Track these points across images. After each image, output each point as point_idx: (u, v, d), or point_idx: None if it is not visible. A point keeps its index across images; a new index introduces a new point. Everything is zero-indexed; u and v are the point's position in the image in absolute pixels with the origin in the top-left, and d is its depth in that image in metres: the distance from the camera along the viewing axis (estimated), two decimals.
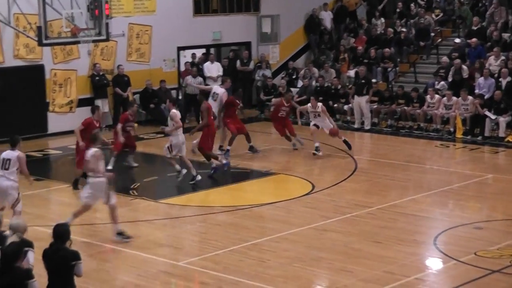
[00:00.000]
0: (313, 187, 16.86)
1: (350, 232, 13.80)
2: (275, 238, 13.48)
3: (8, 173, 13.22)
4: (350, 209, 15.17)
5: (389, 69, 25.82)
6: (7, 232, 9.15)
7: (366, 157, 20.53)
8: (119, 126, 18.48)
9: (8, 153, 13.44)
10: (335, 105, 24.51)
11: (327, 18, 29.20)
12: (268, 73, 26.95)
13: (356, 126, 23.63)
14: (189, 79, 24.93)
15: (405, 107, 23.25)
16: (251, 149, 20.24)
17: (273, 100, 24.58)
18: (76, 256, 8.72)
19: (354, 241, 13.26)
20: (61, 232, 8.77)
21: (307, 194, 16.42)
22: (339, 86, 25.08)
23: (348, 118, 24.20)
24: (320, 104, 20.42)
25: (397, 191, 16.83)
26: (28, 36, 20.43)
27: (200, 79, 25.04)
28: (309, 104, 20.54)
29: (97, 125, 17.17)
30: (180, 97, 25.15)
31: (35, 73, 22.44)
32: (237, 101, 20.14)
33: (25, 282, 8.23)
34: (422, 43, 26.65)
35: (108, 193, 13.26)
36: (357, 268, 11.78)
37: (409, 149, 21.15)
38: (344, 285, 11.31)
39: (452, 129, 22.14)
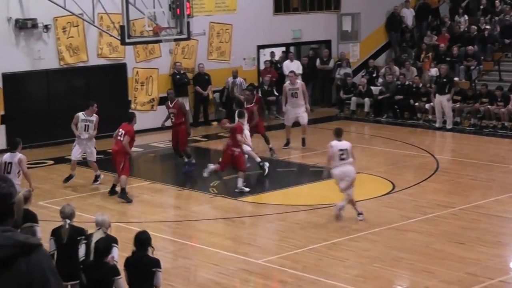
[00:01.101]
0: (394, 186, 16.67)
1: (431, 232, 13.59)
2: (355, 237, 13.37)
3: (11, 177, 13.33)
4: (432, 209, 14.93)
5: (472, 67, 25.32)
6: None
7: (448, 156, 20.20)
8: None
9: (8, 156, 13.43)
10: (416, 103, 24.16)
11: (408, 15, 28.84)
12: (348, 71, 26.75)
13: (437, 125, 23.23)
14: (230, 80, 24.47)
15: (489, 106, 22.77)
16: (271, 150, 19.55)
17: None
18: (157, 264, 8.80)
19: (435, 242, 13.05)
20: (142, 240, 8.86)
21: (387, 193, 16.24)
22: (421, 85, 24.71)
23: (430, 117, 23.81)
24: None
25: (480, 191, 16.49)
26: (111, 35, 20.78)
27: (239, 80, 24.51)
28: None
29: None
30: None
31: (117, 71, 22.83)
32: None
33: (112, 278, 8.39)
34: (507, 41, 26.04)
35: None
36: (439, 269, 11.59)
37: (493, 148, 20.71)
38: (425, 286, 11.14)
39: None
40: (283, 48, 27.31)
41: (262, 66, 26.05)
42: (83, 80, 22.18)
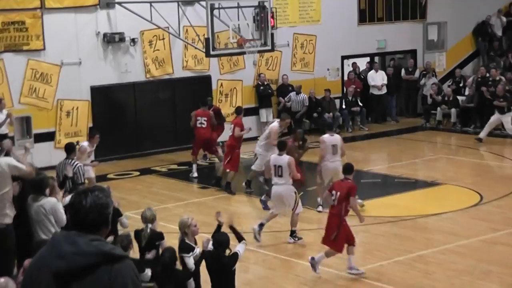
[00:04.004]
0: (482, 198, 16.29)
1: None
2: (441, 250, 13.11)
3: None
4: None
5: None
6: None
7: None
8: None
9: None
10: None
11: (497, 24, 28.24)
12: (434, 81, 26.32)
13: None
14: (292, 96, 24.02)
15: None
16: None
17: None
18: (234, 262, 9.23)
19: None
20: (221, 241, 9.16)
21: (475, 205, 15.88)
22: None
23: None
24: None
25: None
26: (196, 48, 21.01)
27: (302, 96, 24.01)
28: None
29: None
30: (343, 107, 24.97)
31: (202, 83, 23.03)
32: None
33: (186, 282, 8.83)
34: None
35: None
36: None
37: None
38: None
39: None
40: (368, 59, 27.11)
41: (346, 77, 25.91)
42: (168, 92, 22.47)
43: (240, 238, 9.81)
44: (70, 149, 13.24)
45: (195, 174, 19.08)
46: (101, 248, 4.06)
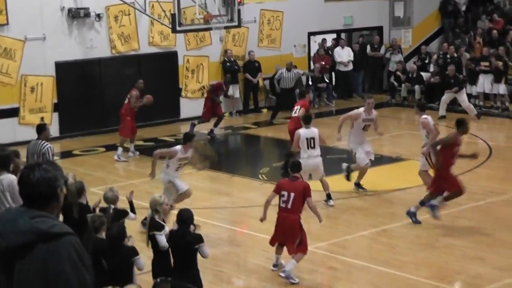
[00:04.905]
0: None
1: (483, 219, 13.43)
2: (405, 224, 13.27)
3: None
4: (484, 196, 14.75)
5: None
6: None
7: (501, 142, 19.86)
8: None
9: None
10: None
11: (461, 0, 28.41)
12: (399, 58, 26.45)
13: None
14: (283, 72, 23.44)
15: None
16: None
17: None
18: (199, 240, 8.95)
19: (487, 229, 12.89)
20: (185, 217, 9.03)
21: None
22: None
23: (481, 103, 23.49)
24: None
25: None
26: (162, 24, 20.90)
27: (295, 72, 23.56)
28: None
29: None
30: (310, 83, 25.04)
31: (168, 59, 22.94)
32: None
33: (131, 259, 8.55)
34: None
35: None
36: (491, 256, 11.44)
37: None
38: (477, 273, 11.01)
39: None
40: (334, 35, 27.15)
41: (312, 53, 25.95)
42: (134, 68, 22.34)
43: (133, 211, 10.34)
44: (40, 129, 13.07)
45: (131, 154, 18.75)
46: (38, 226, 3.98)
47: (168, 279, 8.90)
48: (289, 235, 10.98)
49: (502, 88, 23.04)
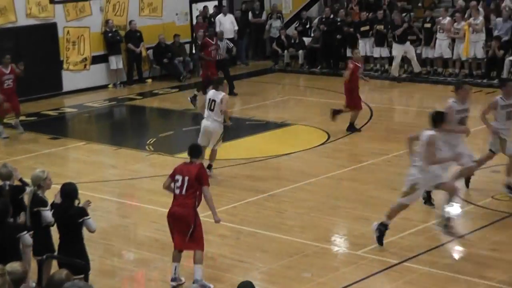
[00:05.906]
0: (329, 136, 16.83)
1: (367, 180, 13.82)
2: (292, 188, 13.53)
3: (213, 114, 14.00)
4: (367, 157, 15.17)
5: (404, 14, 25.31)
6: None
7: (381, 104, 20.38)
8: None
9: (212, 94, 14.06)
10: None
11: None
12: (280, 23, 26.60)
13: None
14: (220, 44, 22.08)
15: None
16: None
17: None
18: (83, 213, 8.85)
19: (371, 189, 13.29)
20: (68, 191, 8.93)
21: (323, 143, 16.40)
22: None
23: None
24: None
25: None
26: None
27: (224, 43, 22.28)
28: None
29: None
30: (194, 52, 24.94)
31: (48, 31, 22.38)
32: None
33: (16, 236, 8.42)
34: None
35: None
36: (375, 215, 11.77)
37: (425, 95, 21.01)
38: (361, 233, 11.35)
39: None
40: (216, 2, 27.08)
41: (195, 21, 25.84)
42: (12, 41, 21.68)
43: None
44: None
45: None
46: None
47: (55, 255, 8.84)
48: (177, 226, 9.70)
49: (385, 52, 23.52)
